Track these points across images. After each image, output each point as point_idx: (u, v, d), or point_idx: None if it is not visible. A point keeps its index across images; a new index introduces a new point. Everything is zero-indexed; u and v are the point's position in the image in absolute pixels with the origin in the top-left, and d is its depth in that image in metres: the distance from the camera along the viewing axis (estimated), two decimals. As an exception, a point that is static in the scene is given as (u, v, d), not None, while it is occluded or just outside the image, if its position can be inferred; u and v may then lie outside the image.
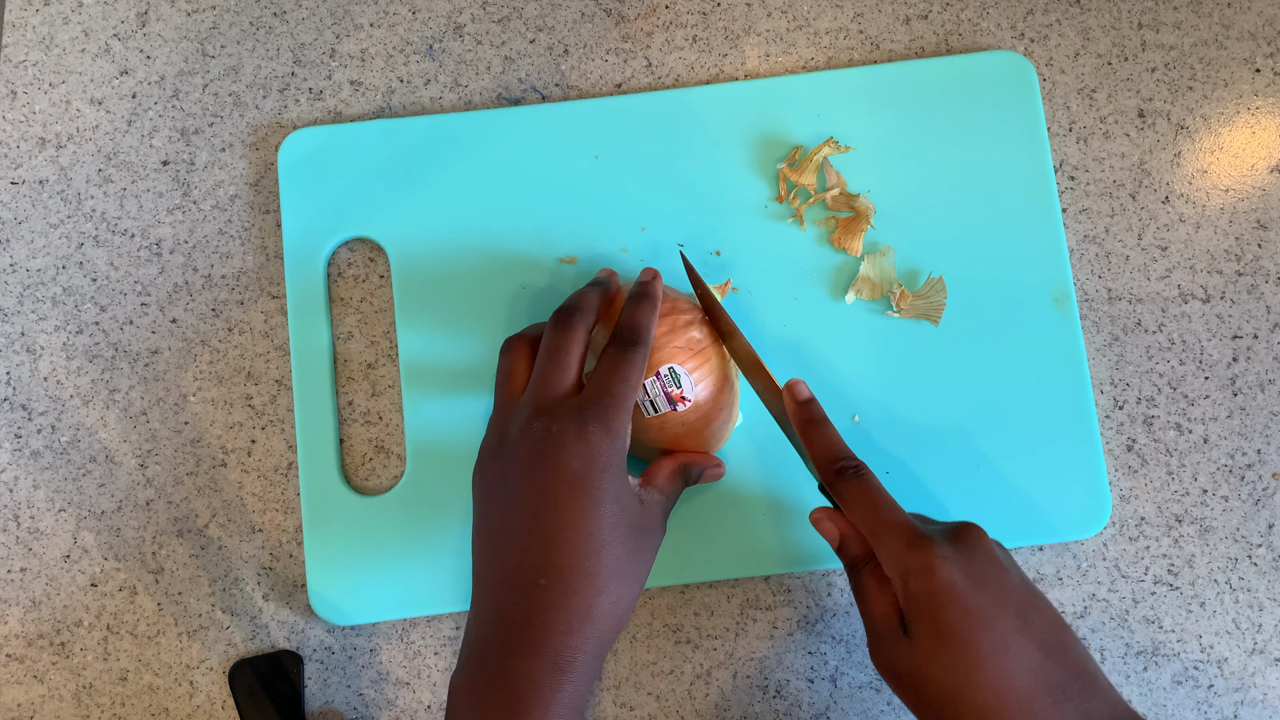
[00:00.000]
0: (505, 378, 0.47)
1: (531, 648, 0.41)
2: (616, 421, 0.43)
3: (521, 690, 0.40)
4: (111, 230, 0.56)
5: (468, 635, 0.43)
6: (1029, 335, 0.54)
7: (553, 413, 0.44)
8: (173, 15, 0.58)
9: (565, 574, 0.42)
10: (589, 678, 0.42)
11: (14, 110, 0.58)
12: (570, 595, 0.41)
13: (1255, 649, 0.53)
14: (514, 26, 0.59)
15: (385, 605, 0.52)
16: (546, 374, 0.45)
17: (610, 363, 0.45)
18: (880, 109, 0.56)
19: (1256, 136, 0.57)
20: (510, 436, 0.45)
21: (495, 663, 0.41)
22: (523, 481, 0.43)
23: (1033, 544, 0.53)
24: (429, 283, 0.55)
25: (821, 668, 0.53)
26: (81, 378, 0.55)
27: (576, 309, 0.47)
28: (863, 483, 0.45)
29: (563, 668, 0.41)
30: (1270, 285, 0.56)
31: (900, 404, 0.53)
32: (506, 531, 0.43)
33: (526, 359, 0.47)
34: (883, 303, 0.54)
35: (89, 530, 0.54)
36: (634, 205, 0.55)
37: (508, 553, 0.43)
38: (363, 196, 0.55)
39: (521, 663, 0.41)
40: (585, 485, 0.42)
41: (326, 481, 0.53)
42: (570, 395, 0.45)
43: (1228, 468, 0.54)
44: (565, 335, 0.46)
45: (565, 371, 0.45)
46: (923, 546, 0.42)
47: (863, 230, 0.54)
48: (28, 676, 0.53)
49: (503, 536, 0.43)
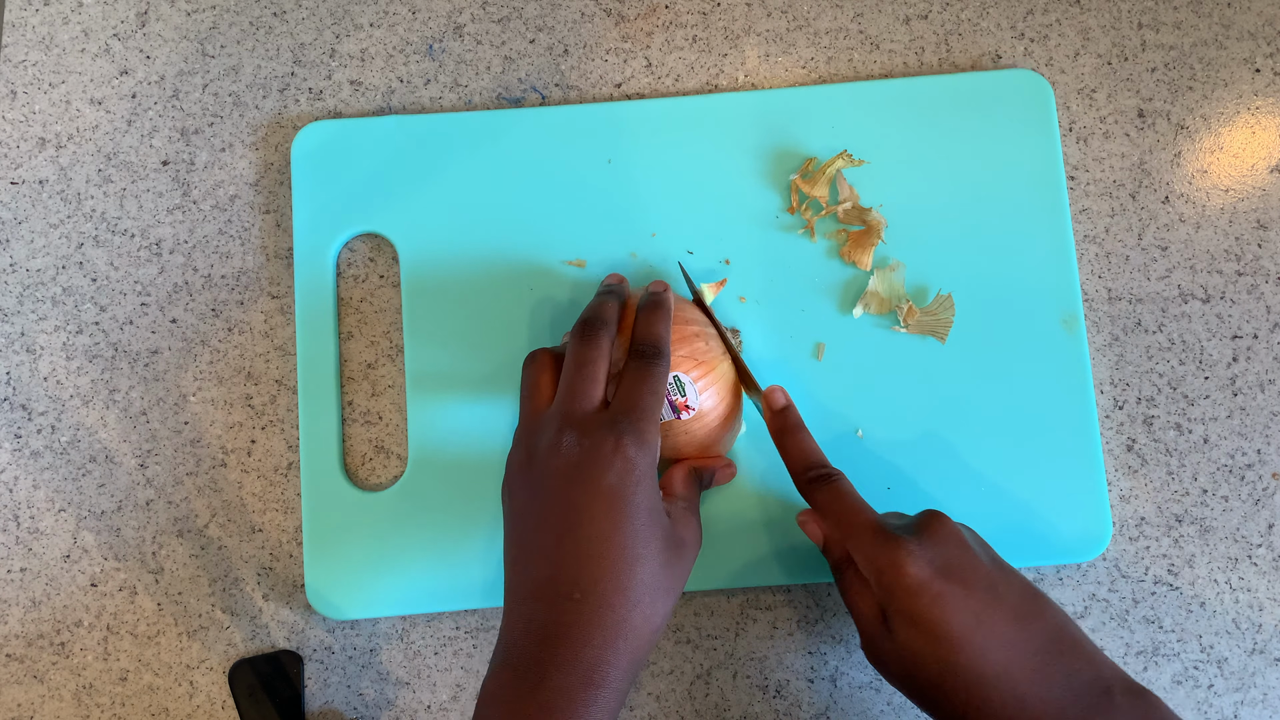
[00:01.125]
0: (530, 391, 0.47)
1: (566, 660, 0.41)
2: (648, 434, 0.44)
3: (554, 703, 0.40)
4: (111, 230, 0.56)
5: (501, 640, 0.43)
6: (1036, 354, 0.54)
7: (583, 427, 0.44)
8: (172, 15, 0.58)
9: (600, 587, 0.42)
10: (622, 692, 0.42)
11: (14, 110, 0.58)
12: (605, 610, 0.41)
13: (1255, 649, 0.53)
14: (514, 26, 0.59)
15: (384, 601, 0.52)
16: (574, 388, 0.45)
17: (635, 376, 0.45)
18: (895, 123, 0.56)
19: (1256, 136, 0.57)
20: (540, 451, 0.44)
21: (528, 672, 0.41)
22: (556, 496, 0.43)
23: (1033, 565, 0.53)
24: (437, 281, 0.55)
25: (821, 668, 0.53)
26: (81, 378, 0.55)
27: (599, 322, 0.47)
28: (833, 488, 0.46)
29: (596, 681, 0.41)
30: (1270, 285, 0.56)
31: (904, 418, 0.53)
32: (540, 546, 0.43)
33: (551, 372, 0.47)
34: (890, 317, 0.54)
35: (89, 530, 0.54)
36: (645, 211, 0.55)
37: (541, 566, 0.43)
38: (375, 192, 0.55)
39: (555, 675, 0.41)
40: (619, 499, 0.42)
41: (328, 476, 0.53)
42: (599, 409, 0.45)
43: (1228, 468, 0.54)
44: (591, 349, 0.46)
45: (594, 385, 0.45)
46: (889, 543, 0.43)
47: (873, 244, 0.54)
48: (28, 676, 0.53)
49: (536, 551, 0.43)
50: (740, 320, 0.54)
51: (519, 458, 0.46)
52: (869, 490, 0.52)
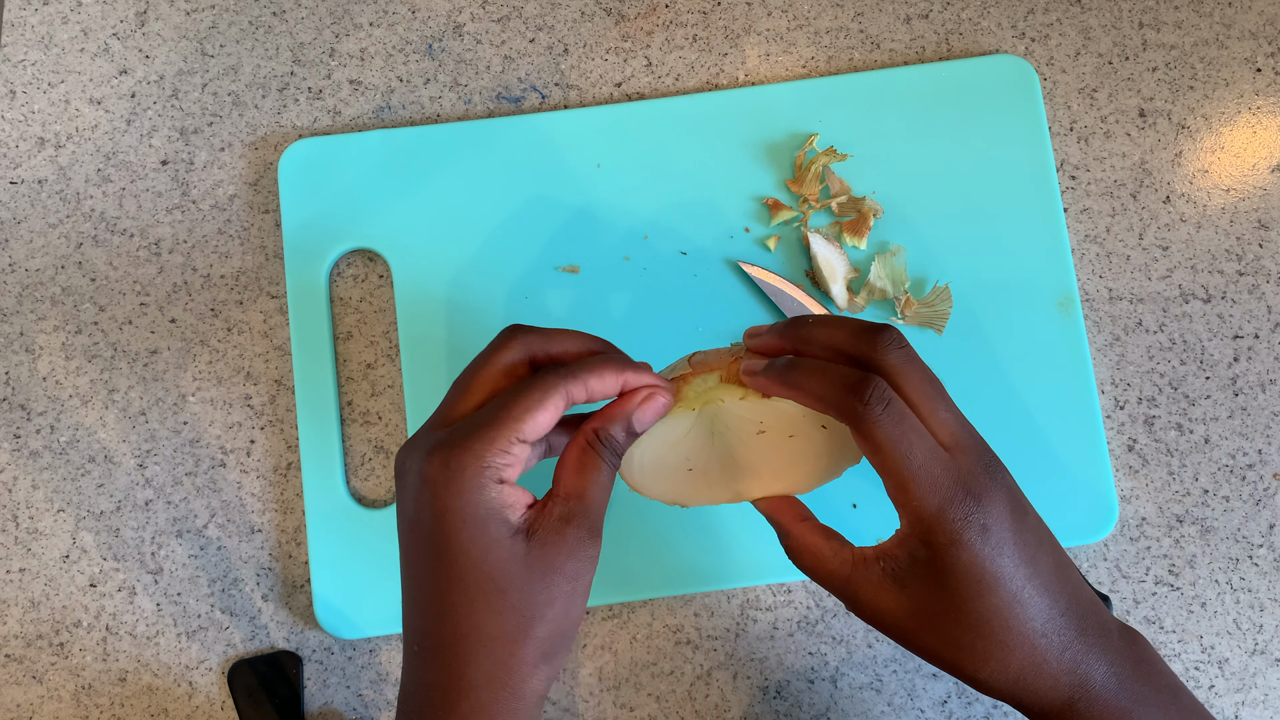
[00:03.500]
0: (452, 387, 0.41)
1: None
2: (459, 449, 0.35)
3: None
4: (110, 230, 0.56)
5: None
6: (1033, 340, 0.54)
7: (416, 439, 0.38)
8: (172, 15, 0.58)
9: (429, 641, 0.36)
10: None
11: (13, 110, 0.57)
12: (438, 667, 0.36)
13: (1256, 649, 0.53)
14: (514, 26, 0.58)
15: (393, 618, 0.52)
16: (449, 394, 0.39)
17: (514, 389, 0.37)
18: (883, 115, 0.56)
19: (1257, 136, 0.57)
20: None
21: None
22: (397, 526, 0.38)
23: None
24: (431, 293, 0.54)
25: (821, 668, 0.53)
26: (80, 378, 0.55)
27: (519, 336, 0.39)
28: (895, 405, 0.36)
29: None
30: (1271, 285, 0.56)
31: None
32: (401, 586, 0.39)
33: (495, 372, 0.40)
34: (888, 308, 0.54)
35: (88, 530, 0.54)
36: (636, 214, 0.55)
37: (403, 611, 0.39)
38: (364, 206, 0.55)
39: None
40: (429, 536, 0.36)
41: (331, 496, 0.53)
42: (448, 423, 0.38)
43: (1229, 468, 0.54)
44: (482, 356, 0.39)
45: (460, 399, 0.38)
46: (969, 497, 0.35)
47: (869, 226, 0.54)
48: (27, 677, 0.53)
49: (402, 592, 0.39)
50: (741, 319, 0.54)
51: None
52: (870, 482, 0.52)
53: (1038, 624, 0.36)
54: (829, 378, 0.36)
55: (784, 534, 0.40)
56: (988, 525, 0.35)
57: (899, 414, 0.36)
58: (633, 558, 0.52)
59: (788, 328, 0.39)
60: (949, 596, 0.36)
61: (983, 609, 0.36)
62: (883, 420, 0.35)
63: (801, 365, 0.37)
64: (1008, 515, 0.36)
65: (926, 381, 0.37)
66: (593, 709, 0.53)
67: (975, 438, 0.37)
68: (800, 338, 0.39)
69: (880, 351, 0.37)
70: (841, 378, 0.36)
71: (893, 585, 0.37)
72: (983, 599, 0.36)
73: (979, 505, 0.35)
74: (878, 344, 0.37)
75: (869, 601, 0.37)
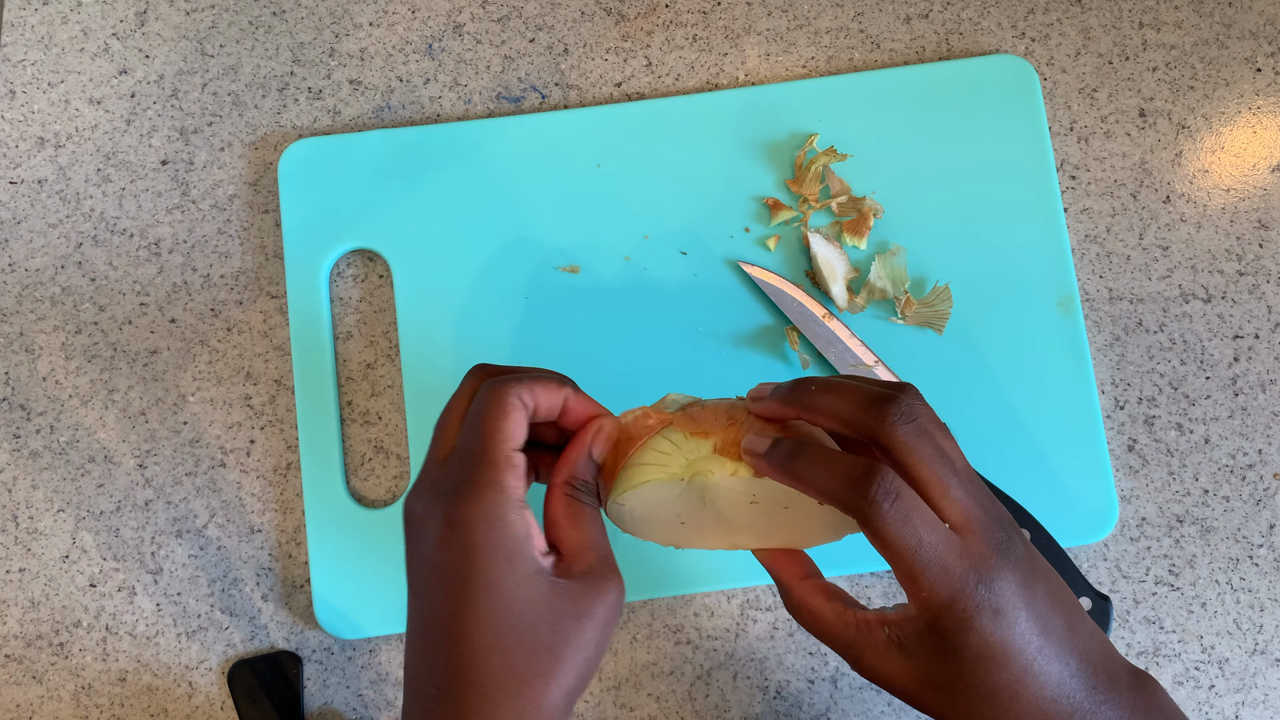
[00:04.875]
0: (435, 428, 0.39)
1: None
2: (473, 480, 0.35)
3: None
4: (110, 230, 0.56)
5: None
6: (1033, 340, 0.54)
7: (418, 486, 0.37)
8: (172, 14, 0.58)
9: (452, 684, 0.35)
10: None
11: (13, 110, 0.57)
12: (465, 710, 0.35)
13: (1256, 649, 0.53)
14: (514, 25, 0.58)
15: (393, 618, 0.52)
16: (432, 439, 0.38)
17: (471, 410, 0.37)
18: (882, 114, 0.56)
19: (1258, 136, 0.57)
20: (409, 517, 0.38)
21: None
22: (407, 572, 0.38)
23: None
24: (431, 293, 0.54)
25: (821, 669, 0.53)
26: (80, 378, 0.55)
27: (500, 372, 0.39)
28: (903, 499, 0.35)
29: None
30: (1271, 285, 0.56)
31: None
32: (409, 629, 0.38)
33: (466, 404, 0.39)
34: (887, 308, 0.54)
35: (88, 530, 0.54)
36: (636, 214, 0.55)
37: (410, 653, 0.38)
38: (364, 206, 0.55)
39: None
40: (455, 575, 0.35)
41: (331, 495, 0.53)
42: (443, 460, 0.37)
43: (1229, 468, 0.54)
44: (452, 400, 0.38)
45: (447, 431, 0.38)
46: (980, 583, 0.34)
47: (869, 226, 0.54)
48: (26, 677, 0.53)
49: (408, 634, 0.38)
50: (741, 320, 0.54)
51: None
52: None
53: (1048, 691, 0.36)
54: (833, 471, 0.35)
55: (785, 591, 0.39)
56: (1000, 608, 0.35)
57: (906, 508, 0.34)
58: (633, 558, 0.52)
59: (793, 393, 0.38)
60: (956, 670, 0.35)
61: (992, 683, 0.35)
62: (889, 516, 0.34)
63: (804, 455, 0.36)
64: (1020, 593, 0.35)
65: (938, 457, 0.36)
66: (593, 709, 0.53)
67: (988, 511, 0.36)
68: (806, 405, 0.37)
69: (889, 428, 0.35)
70: (845, 470, 0.35)
71: (898, 653, 0.36)
72: (992, 675, 0.35)
73: (990, 590, 0.35)
74: (886, 419, 0.35)
75: (872, 666, 0.37)
